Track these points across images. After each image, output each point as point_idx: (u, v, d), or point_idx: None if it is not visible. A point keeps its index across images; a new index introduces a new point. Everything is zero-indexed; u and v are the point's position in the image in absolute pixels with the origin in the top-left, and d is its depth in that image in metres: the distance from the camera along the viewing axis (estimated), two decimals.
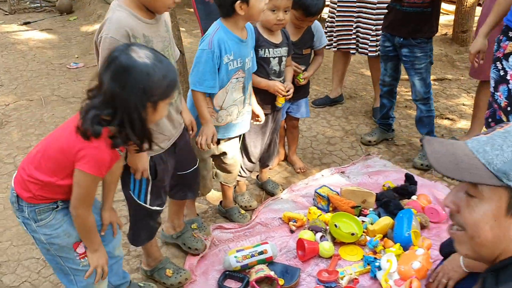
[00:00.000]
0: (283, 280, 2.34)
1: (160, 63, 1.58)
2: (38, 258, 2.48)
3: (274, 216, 2.85)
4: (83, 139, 1.56)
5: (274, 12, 2.52)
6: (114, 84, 1.52)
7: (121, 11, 1.82)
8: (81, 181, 1.64)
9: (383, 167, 3.43)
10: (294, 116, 3.19)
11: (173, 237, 2.55)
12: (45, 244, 1.77)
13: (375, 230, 2.65)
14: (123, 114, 1.55)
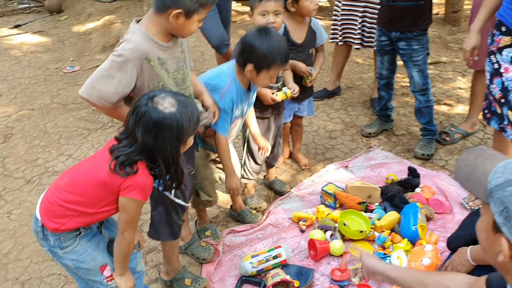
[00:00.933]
0: (298, 282, 2.43)
1: (184, 107, 1.68)
2: (60, 274, 2.55)
3: (284, 216, 2.94)
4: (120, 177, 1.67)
5: (265, 16, 2.59)
6: (148, 137, 1.64)
7: (140, 34, 1.89)
8: (128, 207, 1.74)
9: (385, 158, 3.51)
10: (301, 115, 3.26)
11: (182, 248, 2.64)
12: (73, 269, 1.86)
13: (382, 226, 2.74)
14: (158, 160, 1.69)
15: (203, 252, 2.61)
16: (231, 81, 2.33)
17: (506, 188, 1.10)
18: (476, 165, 1.25)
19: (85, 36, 6.33)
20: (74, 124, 4.06)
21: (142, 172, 1.70)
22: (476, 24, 2.67)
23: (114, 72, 1.85)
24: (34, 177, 3.35)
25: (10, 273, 2.57)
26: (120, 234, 1.80)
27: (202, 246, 2.64)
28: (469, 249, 2.17)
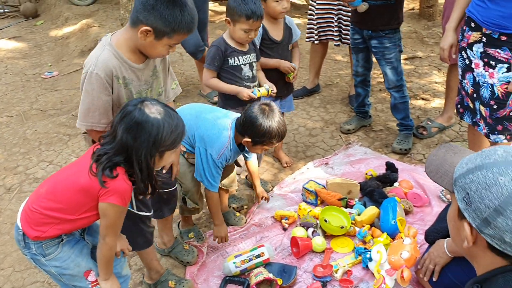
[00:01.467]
0: (281, 280, 2.46)
1: (170, 118, 1.72)
2: (43, 281, 2.55)
3: (266, 215, 2.97)
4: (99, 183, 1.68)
5: (247, 32, 2.68)
6: (127, 136, 1.67)
7: (110, 51, 1.92)
8: (107, 212, 1.75)
9: (364, 154, 3.57)
10: (283, 111, 3.29)
11: (166, 251, 2.67)
12: (57, 276, 1.86)
13: (362, 221, 2.79)
14: (133, 162, 1.70)
15: (186, 255, 2.64)
16: (229, 143, 2.40)
17: (467, 175, 1.18)
18: (445, 159, 1.34)
19: (62, 40, 6.29)
20: (54, 130, 4.04)
21: (121, 178, 1.71)
22: (451, 23, 2.73)
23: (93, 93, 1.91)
24: (15, 185, 3.34)
25: None
26: (101, 240, 1.81)
27: (185, 249, 2.66)
28: (446, 241, 2.23)
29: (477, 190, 1.15)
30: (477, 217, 1.15)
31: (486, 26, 2.46)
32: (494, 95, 2.52)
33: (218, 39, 2.81)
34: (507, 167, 1.13)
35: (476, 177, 1.16)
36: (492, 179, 1.13)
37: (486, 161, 1.17)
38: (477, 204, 1.15)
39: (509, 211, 1.10)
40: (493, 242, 1.15)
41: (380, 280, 2.35)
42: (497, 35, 2.43)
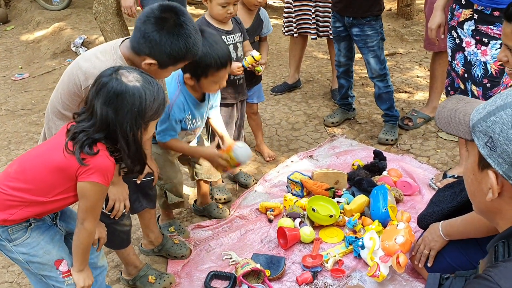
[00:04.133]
0: (269, 271, 2.32)
1: (150, 85, 1.59)
2: (11, 281, 2.35)
3: (251, 208, 2.83)
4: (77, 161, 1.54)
5: (225, 7, 2.55)
6: (107, 110, 1.54)
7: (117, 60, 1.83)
8: (88, 192, 1.61)
9: (350, 146, 3.46)
10: (252, 102, 3.18)
11: (155, 251, 2.49)
12: (24, 264, 1.70)
13: (352, 210, 2.67)
14: (118, 137, 1.57)
15: (179, 249, 2.47)
16: (179, 91, 2.24)
17: (488, 119, 1.08)
18: (456, 109, 1.24)
19: (34, 44, 6.08)
20: (24, 129, 3.83)
21: (102, 154, 1.57)
22: (440, 1, 2.66)
23: None
24: None
25: None
26: (79, 224, 1.66)
27: (176, 244, 2.48)
28: (441, 224, 2.12)
29: (501, 131, 1.04)
30: (504, 162, 1.04)
31: (478, 2, 2.39)
32: (488, 73, 2.44)
33: (199, 19, 2.67)
34: None
35: (499, 118, 1.05)
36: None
37: (509, 100, 1.06)
38: (503, 147, 1.04)
39: None
40: None
41: (375, 268, 2.22)
42: (490, 11, 2.36)
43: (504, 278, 0.99)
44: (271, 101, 4.16)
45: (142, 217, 2.39)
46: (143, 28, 1.75)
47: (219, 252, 2.51)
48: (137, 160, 1.66)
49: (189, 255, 2.49)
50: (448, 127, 1.22)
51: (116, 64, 1.77)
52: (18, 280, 2.35)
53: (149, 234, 2.44)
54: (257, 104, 3.26)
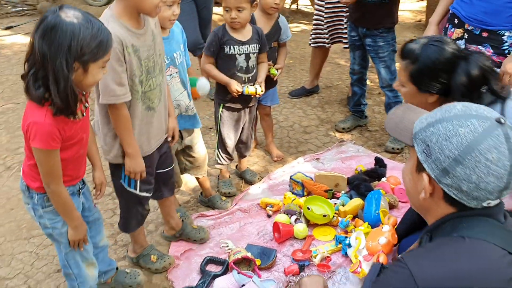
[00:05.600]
0: (260, 261, 2.52)
1: (89, 23, 1.59)
2: (31, 251, 2.64)
3: (252, 202, 3.03)
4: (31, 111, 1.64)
5: (228, 11, 2.70)
6: (42, 43, 1.55)
7: (115, 22, 1.93)
8: (38, 157, 1.71)
9: (356, 152, 3.62)
10: (265, 104, 3.37)
11: (176, 235, 2.69)
12: (49, 229, 1.91)
13: (346, 211, 2.84)
14: (49, 72, 1.56)
15: (198, 233, 2.68)
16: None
17: (428, 129, 1.24)
18: (403, 116, 1.41)
19: None
20: None
21: (44, 117, 1.62)
22: (435, 17, 2.79)
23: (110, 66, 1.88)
24: (14, 164, 3.45)
25: None
26: (47, 188, 1.79)
27: (195, 229, 2.70)
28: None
29: (437, 141, 1.21)
30: (436, 168, 1.21)
31: (469, 22, 2.52)
32: None
33: (219, 26, 2.85)
34: (466, 119, 1.19)
35: (436, 130, 1.22)
36: (452, 131, 1.19)
37: (446, 115, 1.23)
38: (437, 155, 1.20)
39: (468, 160, 1.16)
40: (450, 191, 1.21)
41: (357, 265, 2.39)
42: (479, 31, 2.48)
43: (412, 260, 1.18)
44: (288, 104, 4.35)
45: (163, 205, 2.62)
46: None
47: (217, 241, 2.72)
48: (67, 100, 1.61)
49: (208, 238, 2.70)
50: (394, 132, 1.40)
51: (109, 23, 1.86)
52: (37, 251, 2.64)
53: (170, 221, 2.66)
54: (269, 107, 3.46)
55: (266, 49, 2.94)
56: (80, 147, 1.85)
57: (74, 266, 2.02)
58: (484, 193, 1.18)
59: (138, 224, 2.45)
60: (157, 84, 2.15)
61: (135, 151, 2.13)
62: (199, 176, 2.93)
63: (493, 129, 1.17)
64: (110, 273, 2.37)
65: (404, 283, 1.14)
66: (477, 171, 1.16)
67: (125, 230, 2.48)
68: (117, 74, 1.94)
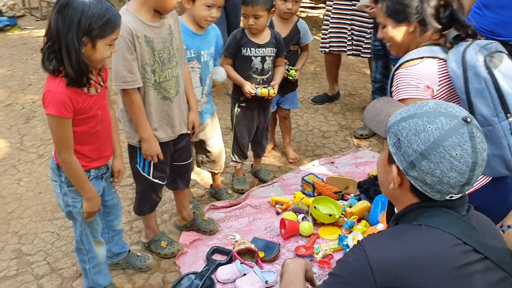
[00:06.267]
0: (264, 253, 2.64)
1: (99, 3, 1.78)
2: (53, 232, 2.85)
3: (263, 200, 3.15)
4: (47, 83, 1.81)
5: (246, 18, 2.86)
6: (57, 19, 1.74)
7: (127, 15, 2.15)
8: (51, 125, 1.86)
9: (372, 158, 3.68)
10: (284, 107, 3.50)
11: (187, 226, 2.84)
12: (70, 207, 2.09)
13: (353, 213, 2.92)
14: (62, 45, 1.74)
15: (208, 225, 2.83)
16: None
17: (400, 123, 1.31)
18: (381, 109, 1.48)
19: None
20: None
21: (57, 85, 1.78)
22: None
23: (118, 53, 2.08)
24: (46, 152, 3.70)
25: (11, 227, 2.89)
26: (59, 157, 1.93)
27: (205, 220, 2.85)
28: None
29: (407, 136, 1.28)
30: (404, 161, 1.29)
31: (480, 33, 2.58)
32: None
33: (238, 29, 3.01)
34: (436, 117, 1.26)
35: (407, 124, 1.29)
36: (422, 126, 1.26)
37: (418, 111, 1.30)
38: (405, 148, 1.28)
39: (433, 156, 1.23)
40: (416, 183, 1.29)
41: None
42: None
43: (369, 242, 1.27)
44: (310, 109, 4.45)
45: (177, 196, 2.79)
46: None
47: (226, 233, 2.86)
48: (79, 72, 1.77)
49: (216, 230, 2.84)
50: (371, 124, 1.47)
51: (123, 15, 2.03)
52: (58, 232, 2.85)
53: (182, 211, 2.81)
54: (288, 110, 3.58)
55: (283, 53, 3.07)
56: (96, 123, 1.99)
57: (86, 243, 2.20)
58: (446, 187, 1.26)
59: (150, 209, 2.62)
60: (173, 76, 2.32)
61: (149, 135, 2.31)
62: (215, 171, 3.08)
63: (459, 127, 1.24)
64: (123, 255, 2.54)
65: (359, 262, 1.24)
66: (441, 166, 1.23)
67: (138, 212, 2.65)
68: (127, 62, 2.12)
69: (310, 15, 7.55)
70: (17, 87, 4.95)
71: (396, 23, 2.11)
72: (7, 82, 5.08)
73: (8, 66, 5.51)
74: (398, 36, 2.12)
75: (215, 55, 2.78)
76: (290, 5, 3.15)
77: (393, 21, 2.12)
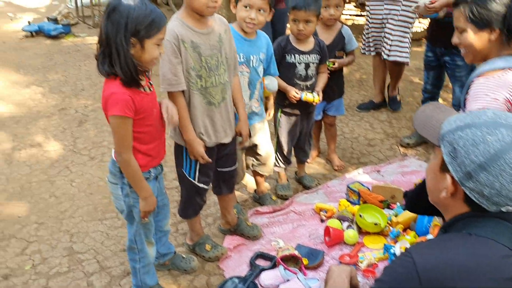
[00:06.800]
0: (307, 260, 2.63)
1: (143, 5, 1.86)
2: (102, 231, 2.95)
3: (307, 206, 3.15)
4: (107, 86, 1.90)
5: (295, 22, 2.88)
6: (107, 24, 1.85)
7: (176, 21, 2.25)
8: (114, 126, 1.93)
9: (419, 167, 3.61)
10: (330, 114, 3.49)
11: (231, 230, 2.88)
12: (131, 206, 2.16)
13: (398, 222, 2.87)
14: (113, 49, 1.84)
15: (252, 231, 2.86)
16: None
17: (456, 132, 1.29)
18: (432, 115, 1.47)
19: None
20: None
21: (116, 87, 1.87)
22: None
23: (164, 57, 2.18)
24: (97, 155, 3.84)
25: (63, 226, 3.01)
26: (119, 157, 2.00)
27: (249, 226, 2.87)
28: None
29: (464, 145, 1.25)
30: (460, 171, 1.26)
31: None
32: None
33: (283, 36, 3.06)
34: (495, 128, 1.23)
35: (465, 134, 1.26)
36: (481, 137, 1.23)
37: (476, 121, 1.27)
38: (462, 158, 1.25)
39: (493, 168, 1.20)
40: (472, 194, 1.25)
41: None
42: None
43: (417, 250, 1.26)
44: (356, 117, 4.42)
45: (222, 200, 2.83)
46: None
47: (269, 238, 2.87)
48: (129, 72, 1.86)
49: (260, 236, 2.86)
50: (422, 130, 1.46)
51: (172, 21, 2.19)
52: (108, 231, 2.94)
53: (226, 215, 2.85)
54: (334, 117, 3.57)
55: (327, 60, 3.09)
56: (153, 120, 2.07)
57: (140, 243, 2.27)
58: (504, 200, 1.22)
59: (195, 213, 2.67)
60: (220, 82, 2.37)
61: (192, 137, 2.37)
62: (265, 173, 3.11)
63: None
64: (169, 256, 2.60)
65: (406, 269, 1.22)
66: (501, 179, 1.20)
67: (182, 215, 2.71)
68: (172, 65, 2.21)
69: (356, 23, 7.50)
70: (71, 92, 5.15)
71: (477, 29, 2.06)
72: (61, 87, 5.30)
73: (63, 72, 5.74)
74: (478, 43, 2.07)
75: (267, 62, 2.81)
76: (332, 10, 3.18)
77: (474, 26, 2.06)
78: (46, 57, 6.29)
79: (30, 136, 4.18)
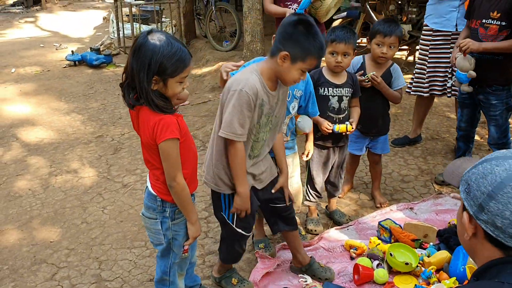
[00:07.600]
0: None
1: (169, 46, 1.89)
2: (131, 260, 2.96)
3: (337, 243, 3.09)
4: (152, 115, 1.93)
5: (333, 55, 2.88)
6: (132, 59, 1.91)
7: (256, 76, 2.23)
8: (167, 150, 1.94)
9: (454, 206, 3.50)
10: (375, 152, 3.45)
11: (302, 270, 2.80)
12: (170, 239, 2.18)
13: (430, 262, 2.78)
14: (137, 84, 1.90)
15: (324, 273, 2.76)
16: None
17: (471, 170, 1.33)
18: (460, 165, 1.51)
19: (199, 78, 7.10)
20: None
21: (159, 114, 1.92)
22: None
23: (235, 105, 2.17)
24: (130, 182, 3.90)
25: (93, 252, 3.04)
26: (172, 183, 2.00)
27: (322, 267, 2.78)
28: None
29: (475, 179, 1.29)
30: (474, 204, 1.27)
31: None
32: None
33: (315, 70, 3.04)
34: (504, 160, 1.28)
35: (477, 170, 1.31)
36: (489, 169, 1.28)
37: (488, 157, 1.33)
38: (474, 192, 1.28)
39: (500, 196, 1.22)
40: (487, 228, 1.25)
41: None
42: None
43: None
44: (390, 152, 4.34)
45: (287, 239, 2.78)
46: (280, 30, 2.17)
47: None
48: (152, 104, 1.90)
49: (333, 279, 2.76)
50: (449, 178, 1.49)
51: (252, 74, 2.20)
52: (136, 260, 2.96)
53: (296, 255, 2.77)
54: (380, 155, 3.51)
55: (359, 94, 3.08)
56: (191, 143, 2.11)
57: (173, 275, 2.28)
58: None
59: (233, 261, 2.67)
60: (263, 139, 2.38)
61: (246, 190, 2.34)
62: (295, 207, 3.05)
63: None
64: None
65: None
66: (510, 207, 1.21)
67: (222, 260, 2.67)
68: (243, 117, 2.19)
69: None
70: (108, 120, 5.30)
71: None
72: (100, 115, 5.46)
73: (102, 100, 5.93)
74: None
75: (305, 100, 2.81)
76: (385, 49, 3.11)
77: None
78: (87, 85, 6.52)
79: (67, 162, 4.30)
